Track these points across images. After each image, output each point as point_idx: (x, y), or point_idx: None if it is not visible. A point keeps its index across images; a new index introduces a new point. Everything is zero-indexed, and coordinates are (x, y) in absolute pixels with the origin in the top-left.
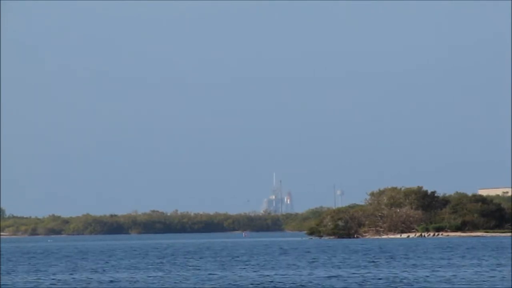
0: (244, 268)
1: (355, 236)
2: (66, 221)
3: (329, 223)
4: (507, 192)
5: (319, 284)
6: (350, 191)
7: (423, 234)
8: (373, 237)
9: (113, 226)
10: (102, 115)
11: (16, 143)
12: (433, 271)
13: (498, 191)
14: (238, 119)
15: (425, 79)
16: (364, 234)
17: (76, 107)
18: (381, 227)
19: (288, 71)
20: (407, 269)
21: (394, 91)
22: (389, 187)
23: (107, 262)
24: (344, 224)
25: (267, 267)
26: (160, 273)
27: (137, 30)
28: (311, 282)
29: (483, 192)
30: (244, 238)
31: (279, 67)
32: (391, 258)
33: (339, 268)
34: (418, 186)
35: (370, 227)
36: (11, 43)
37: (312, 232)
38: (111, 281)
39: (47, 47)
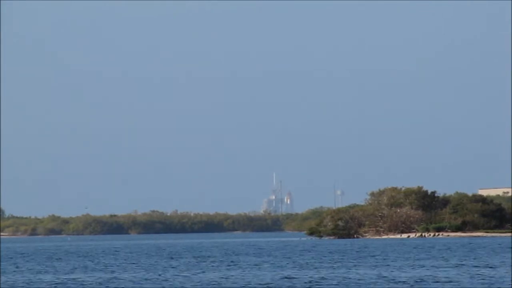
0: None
1: (355, 236)
2: (66, 221)
3: (329, 223)
4: (507, 192)
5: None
6: (350, 191)
7: (423, 234)
8: (373, 237)
9: (113, 226)
10: (102, 115)
11: (16, 143)
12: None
13: (499, 191)
14: (238, 118)
15: (426, 79)
16: (364, 234)
17: (76, 107)
18: (381, 227)
19: (288, 71)
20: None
21: (394, 91)
22: (389, 187)
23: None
24: (344, 224)
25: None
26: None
27: (136, 29)
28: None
29: (483, 192)
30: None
31: (279, 67)
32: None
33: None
34: (418, 186)
35: (370, 227)
36: (11, 42)
37: (312, 232)
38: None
39: (47, 47)
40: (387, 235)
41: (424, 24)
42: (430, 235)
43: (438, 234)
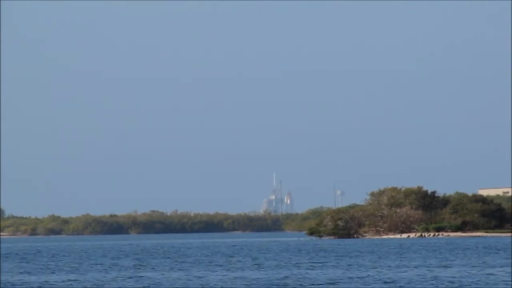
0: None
1: (355, 236)
2: (66, 221)
3: (329, 223)
4: (507, 192)
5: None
6: (350, 191)
7: (423, 234)
8: (373, 237)
9: (113, 226)
10: (102, 115)
11: (16, 143)
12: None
13: (499, 191)
14: (238, 118)
15: (426, 79)
16: (364, 234)
17: (76, 107)
18: (381, 227)
19: (288, 71)
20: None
21: (394, 91)
22: (389, 187)
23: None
24: (344, 224)
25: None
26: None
27: (136, 29)
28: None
29: (483, 192)
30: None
31: (279, 67)
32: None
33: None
34: (418, 186)
35: (370, 227)
36: (11, 42)
37: (312, 232)
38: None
39: (47, 47)
40: (387, 235)
41: (424, 24)
42: (430, 235)
43: (438, 234)
